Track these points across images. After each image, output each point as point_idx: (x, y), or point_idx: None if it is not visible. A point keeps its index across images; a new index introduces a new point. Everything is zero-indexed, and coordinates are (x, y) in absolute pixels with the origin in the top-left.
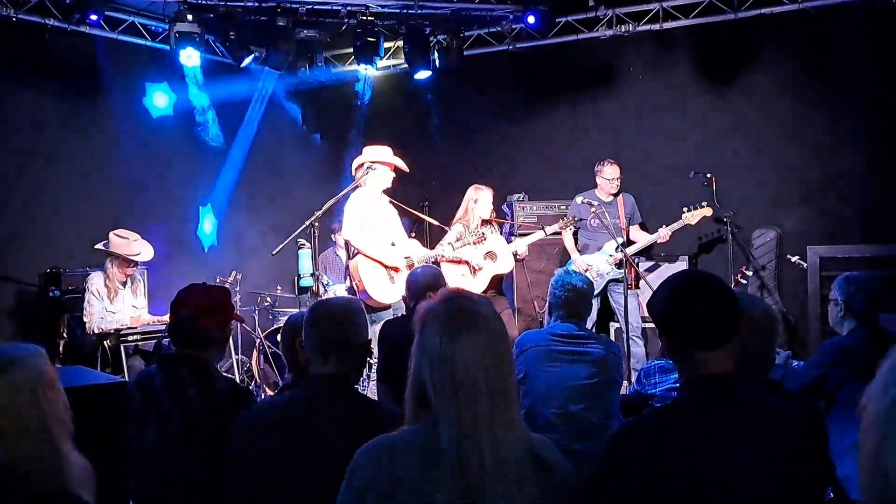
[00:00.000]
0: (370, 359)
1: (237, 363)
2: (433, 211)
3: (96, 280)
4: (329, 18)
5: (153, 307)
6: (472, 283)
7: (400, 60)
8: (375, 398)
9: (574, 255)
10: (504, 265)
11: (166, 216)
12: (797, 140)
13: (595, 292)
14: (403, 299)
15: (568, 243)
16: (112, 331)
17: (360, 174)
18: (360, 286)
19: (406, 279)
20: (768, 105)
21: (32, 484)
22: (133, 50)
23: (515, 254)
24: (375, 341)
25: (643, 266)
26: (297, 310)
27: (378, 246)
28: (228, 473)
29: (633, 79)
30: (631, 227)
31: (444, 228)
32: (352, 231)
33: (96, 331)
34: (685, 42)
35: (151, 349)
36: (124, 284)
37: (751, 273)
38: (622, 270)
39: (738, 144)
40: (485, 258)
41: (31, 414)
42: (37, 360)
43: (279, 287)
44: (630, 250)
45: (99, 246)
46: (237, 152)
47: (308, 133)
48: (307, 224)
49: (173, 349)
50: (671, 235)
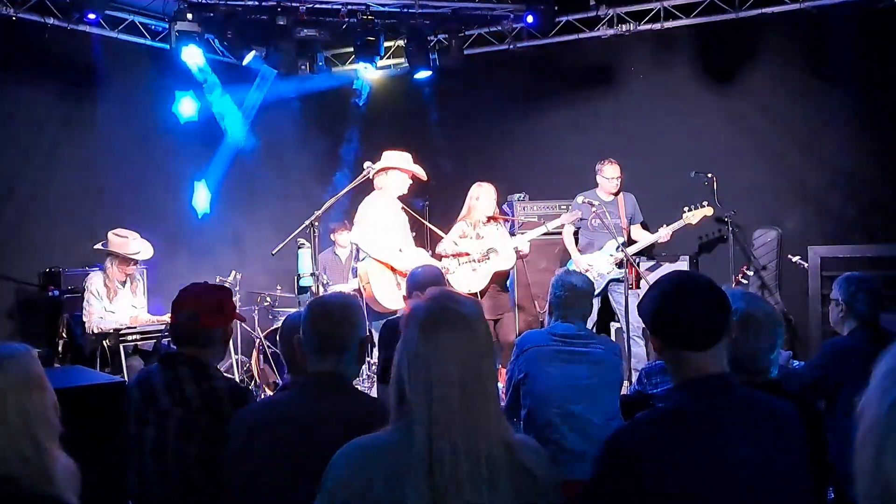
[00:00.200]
0: (369, 357)
1: (237, 363)
2: (433, 211)
3: (96, 280)
4: (329, 18)
5: (152, 307)
6: (473, 280)
7: (400, 60)
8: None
9: (574, 255)
10: (505, 261)
11: (166, 216)
12: (798, 140)
13: (595, 292)
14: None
15: (568, 243)
16: (111, 330)
17: (379, 178)
18: (369, 291)
19: (407, 278)
20: (769, 104)
21: (16, 485)
22: (133, 49)
23: (517, 250)
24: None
25: (644, 266)
26: (297, 309)
27: (388, 251)
28: (226, 472)
29: (634, 78)
30: (632, 227)
31: (443, 235)
32: (364, 235)
33: (95, 330)
34: (686, 41)
35: (150, 349)
36: (123, 284)
37: (752, 273)
38: (623, 270)
39: (739, 144)
40: (486, 254)
41: (16, 415)
42: (24, 361)
43: (279, 287)
44: (631, 250)
45: (98, 246)
46: (235, 133)
47: (308, 133)
48: (307, 223)
49: (174, 348)
50: (672, 235)
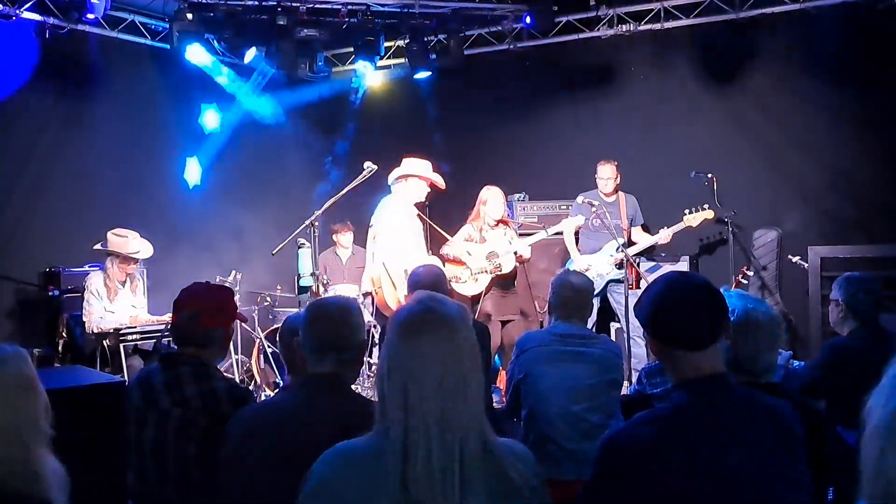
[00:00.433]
0: (369, 358)
1: (237, 363)
2: (433, 210)
3: (95, 279)
4: (329, 17)
5: (151, 307)
6: (473, 284)
7: (400, 60)
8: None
9: (574, 255)
10: (504, 265)
11: (166, 216)
12: (798, 140)
13: (595, 292)
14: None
15: (569, 243)
16: (111, 330)
17: (399, 185)
18: (380, 296)
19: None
20: (769, 105)
21: (2, 486)
22: (133, 49)
23: (517, 254)
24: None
25: (644, 266)
26: (296, 310)
27: (405, 261)
28: (224, 472)
29: (635, 78)
30: (632, 229)
31: (447, 237)
32: (386, 244)
33: (95, 330)
34: (686, 42)
35: (150, 349)
36: (123, 284)
37: (752, 273)
38: (622, 271)
39: (739, 144)
40: (486, 259)
41: (5, 417)
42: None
43: (279, 287)
44: (631, 251)
45: (97, 246)
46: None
47: (308, 133)
48: (307, 223)
49: (174, 348)
50: (672, 237)
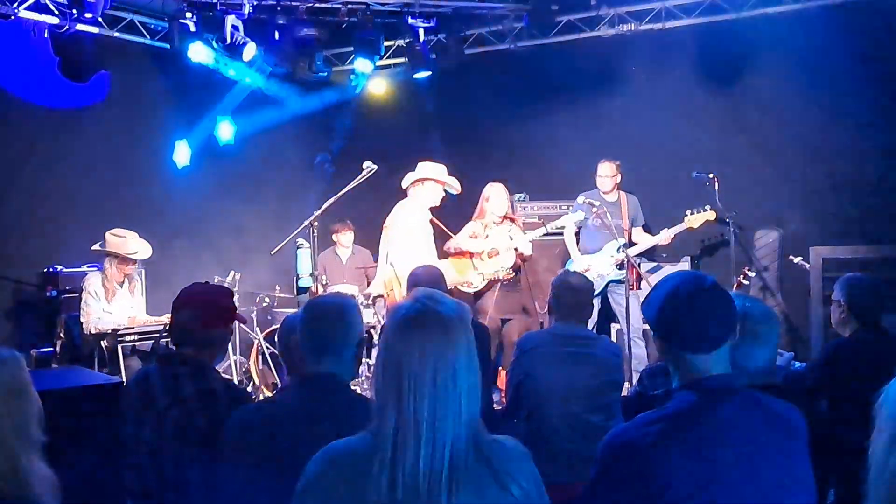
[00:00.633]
0: (367, 359)
1: (235, 364)
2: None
3: (94, 280)
4: (329, 17)
5: (150, 307)
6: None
7: (400, 59)
8: None
9: (575, 255)
10: (504, 262)
11: (165, 216)
12: (800, 140)
13: (595, 293)
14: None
15: (569, 243)
16: (109, 331)
17: (415, 188)
18: (392, 298)
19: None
20: (770, 105)
21: None
22: (132, 48)
23: (517, 250)
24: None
25: (645, 267)
26: (295, 310)
27: (416, 263)
28: (221, 472)
29: (635, 78)
30: (633, 230)
31: (451, 234)
32: (401, 248)
33: (93, 331)
34: (687, 41)
35: (149, 349)
36: (122, 284)
37: (753, 274)
38: (623, 271)
39: (741, 144)
40: (486, 256)
41: None
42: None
43: (278, 287)
44: (632, 251)
45: (96, 247)
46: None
47: (307, 132)
48: (306, 223)
49: (172, 348)
50: (673, 237)
